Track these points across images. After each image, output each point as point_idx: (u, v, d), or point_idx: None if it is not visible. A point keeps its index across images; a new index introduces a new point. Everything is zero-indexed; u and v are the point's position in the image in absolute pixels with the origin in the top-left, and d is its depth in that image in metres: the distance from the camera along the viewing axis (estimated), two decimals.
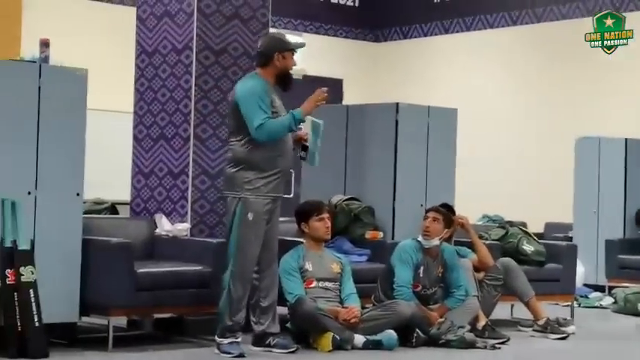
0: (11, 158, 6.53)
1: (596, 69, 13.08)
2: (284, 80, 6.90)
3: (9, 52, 9.25)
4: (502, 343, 7.65)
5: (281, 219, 7.07)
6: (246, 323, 6.93)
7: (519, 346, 7.74)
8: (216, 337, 6.79)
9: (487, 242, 8.62)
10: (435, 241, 7.72)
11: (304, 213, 7.50)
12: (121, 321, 7.53)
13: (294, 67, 6.97)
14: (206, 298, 7.12)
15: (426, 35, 15.36)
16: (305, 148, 7.03)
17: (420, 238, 7.74)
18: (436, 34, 15.25)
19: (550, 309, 8.93)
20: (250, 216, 6.72)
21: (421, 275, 7.68)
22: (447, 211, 8.03)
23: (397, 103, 8.71)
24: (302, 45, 7.08)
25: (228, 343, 6.73)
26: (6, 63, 6.70)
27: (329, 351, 6.97)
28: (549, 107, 13.80)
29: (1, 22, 11.21)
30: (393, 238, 8.43)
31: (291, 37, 7.09)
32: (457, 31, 14.94)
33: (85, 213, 7.17)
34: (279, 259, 7.13)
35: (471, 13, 14.71)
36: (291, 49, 6.91)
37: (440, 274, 7.77)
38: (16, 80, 6.60)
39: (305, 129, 7.01)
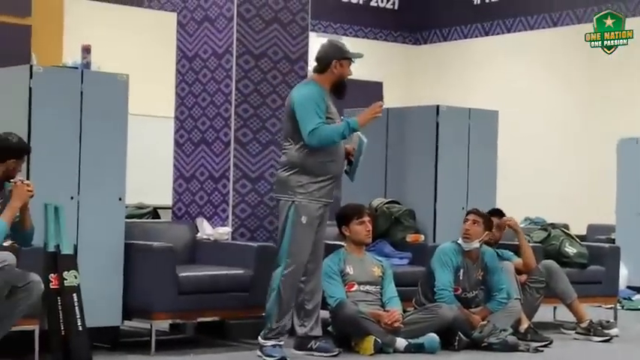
0: (54, 163, 6.58)
1: (637, 69, 12.97)
2: (339, 88, 6.92)
3: (51, 58, 9.32)
4: (545, 345, 7.62)
5: None
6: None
7: (562, 348, 7.70)
8: (259, 338, 6.80)
9: (529, 244, 8.57)
10: (475, 244, 7.69)
11: (345, 216, 7.50)
12: (164, 325, 7.57)
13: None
14: (247, 302, 7.14)
15: (465, 37, 15.32)
16: (350, 163, 7.04)
17: (460, 241, 7.71)
18: (476, 36, 15.20)
19: (593, 311, 8.88)
20: (304, 219, 6.73)
21: (461, 278, 7.65)
22: (497, 215, 8.06)
23: (437, 106, 8.68)
24: (360, 55, 7.05)
25: (272, 345, 6.74)
26: (48, 69, 6.76)
27: (371, 354, 6.97)
28: (591, 108, 13.72)
29: (43, 29, 11.31)
30: (434, 241, 8.41)
31: (350, 47, 7.08)
32: (497, 33, 14.88)
33: (127, 217, 7.22)
34: None
35: (511, 15, 14.64)
36: (349, 57, 6.93)
37: (480, 277, 7.74)
38: (59, 86, 6.66)
39: (352, 143, 7.02)
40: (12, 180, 5.99)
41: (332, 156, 6.80)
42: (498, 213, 8.28)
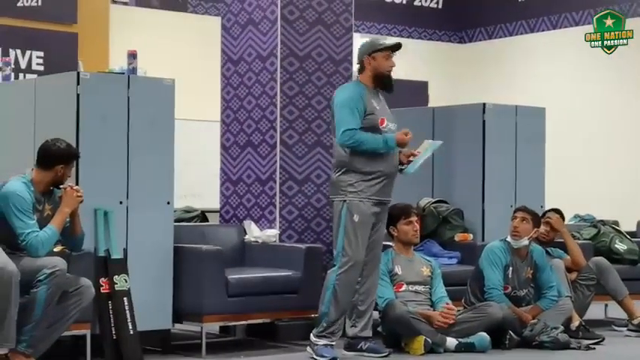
0: (103, 169, 6.62)
1: None
2: (381, 81, 6.88)
3: (98, 64, 9.40)
4: (596, 343, 7.56)
5: None
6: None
7: (614, 346, 7.64)
8: (312, 335, 6.80)
9: (579, 242, 8.52)
10: (524, 241, 7.64)
11: (392, 217, 7.46)
12: (214, 327, 7.59)
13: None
14: (297, 303, 7.16)
15: (510, 35, 15.22)
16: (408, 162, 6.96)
17: (508, 239, 7.66)
18: (521, 34, 15.10)
19: None
20: (356, 218, 6.72)
21: (510, 276, 7.61)
22: (558, 215, 8.04)
23: (484, 104, 8.64)
24: (394, 45, 6.93)
25: (323, 344, 6.73)
26: (95, 75, 6.80)
27: (421, 354, 6.95)
28: (630, 95, 13.56)
29: (90, 36, 11.41)
30: (483, 240, 8.37)
31: (386, 39, 7.03)
32: (543, 30, 14.78)
33: (175, 221, 7.25)
34: None
35: (556, 11, 14.54)
36: (380, 49, 6.86)
37: (530, 276, 7.69)
38: (106, 92, 6.70)
39: (420, 149, 6.95)
40: (61, 186, 6.06)
41: (382, 153, 6.78)
42: (556, 213, 8.24)
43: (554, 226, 8.21)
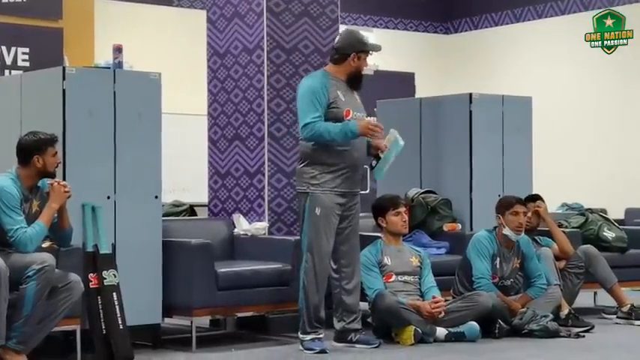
0: (90, 164, 6.61)
1: None
2: (355, 80, 6.85)
3: (83, 59, 9.37)
4: (586, 331, 7.57)
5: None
6: (329, 319, 6.94)
7: (603, 333, 7.65)
8: (299, 334, 6.82)
9: (567, 230, 8.54)
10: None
11: (381, 208, 7.49)
12: (204, 321, 7.59)
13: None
14: (287, 296, 7.15)
15: (496, 25, 15.23)
16: (378, 159, 6.90)
17: (506, 232, 7.61)
18: (507, 23, 15.12)
19: (634, 295, 8.81)
20: (318, 211, 6.71)
21: (498, 266, 7.62)
22: (535, 201, 8.05)
23: (470, 94, 8.65)
24: (378, 48, 6.96)
25: (310, 339, 6.75)
26: (81, 70, 6.78)
27: (411, 344, 6.96)
28: (627, 92, 13.59)
29: (75, 31, 11.36)
30: (471, 230, 8.39)
31: (368, 38, 6.99)
32: (528, 19, 14.78)
33: (164, 215, 7.24)
34: None
35: (542, 0, 14.55)
36: (368, 50, 6.86)
37: (517, 265, 7.70)
38: (92, 87, 6.68)
39: (386, 141, 6.85)
40: (48, 181, 6.04)
41: (346, 145, 6.74)
42: (537, 199, 8.24)
43: (542, 215, 8.22)
